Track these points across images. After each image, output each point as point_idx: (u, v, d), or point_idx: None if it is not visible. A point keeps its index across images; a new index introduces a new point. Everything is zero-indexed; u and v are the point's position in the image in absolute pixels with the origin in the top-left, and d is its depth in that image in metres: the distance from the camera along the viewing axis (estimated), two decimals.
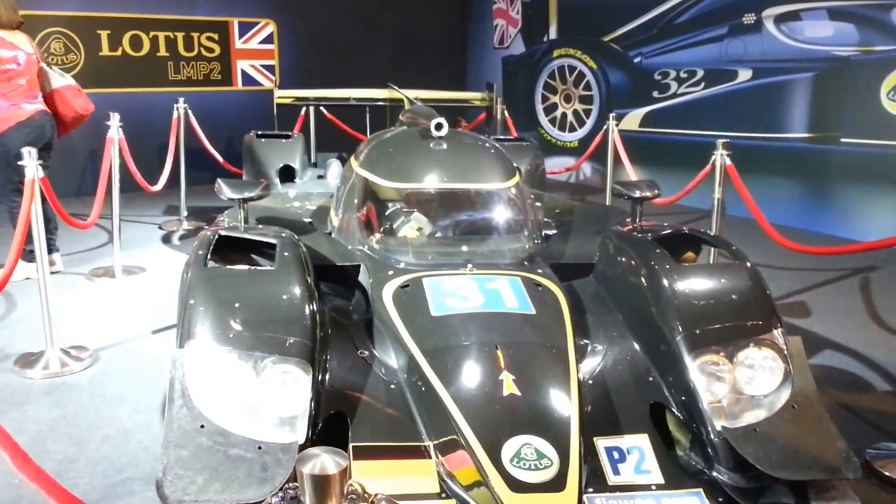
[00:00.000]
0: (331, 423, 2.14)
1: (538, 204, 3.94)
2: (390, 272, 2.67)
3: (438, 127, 3.18)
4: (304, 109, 6.50)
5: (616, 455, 2.14)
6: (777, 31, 6.53)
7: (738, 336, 2.27)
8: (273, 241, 2.59)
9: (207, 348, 2.07)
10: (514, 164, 5.11)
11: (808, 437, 2.11)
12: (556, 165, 7.93)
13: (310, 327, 2.18)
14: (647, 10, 7.65)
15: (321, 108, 6.65)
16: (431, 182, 3.02)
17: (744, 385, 2.22)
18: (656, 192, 3.24)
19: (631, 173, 5.27)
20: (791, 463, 2.02)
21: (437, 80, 8.16)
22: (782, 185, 6.62)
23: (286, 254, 2.48)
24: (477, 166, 3.14)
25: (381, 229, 2.95)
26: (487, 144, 3.39)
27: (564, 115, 8.89)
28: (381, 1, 9.11)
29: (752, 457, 2.02)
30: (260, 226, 2.96)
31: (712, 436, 2.11)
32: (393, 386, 2.29)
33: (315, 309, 2.26)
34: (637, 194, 3.20)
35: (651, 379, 2.36)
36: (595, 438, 2.17)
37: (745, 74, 6.81)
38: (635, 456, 2.15)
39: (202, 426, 1.93)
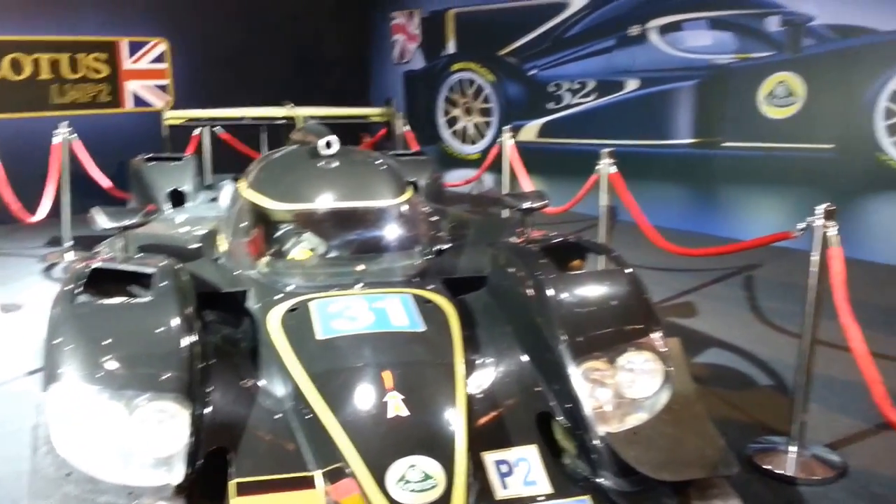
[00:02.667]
0: (213, 460, 2.05)
1: (435, 218, 3.95)
2: (277, 296, 2.60)
3: (328, 145, 3.14)
4: (197, 130, 6.30)
5: (504, 468, 2.15)
6: (661, 41, 6.85)
7: (619, 341, 2.33)
8: (150, 270, 2.48)
9: (74, 390, 1.96)
10: (413, 179, 5.12)
11: (687, 437, 2.18)
12: (459, 178, 8.00)
13: (187, 360, 2.09)
14: (539, 24, 7.86)
15: (215, 128, 6.46)
16: (321, 202, 2.97)
17: (625, 389, 2.27)
18: (544, 202, 3.30)
19: (526, 184, 5.37)
20: (672, 464, 2.09)
21: (339, 97, 8.13)
22: (671, 190, 6.93)
23: (163, 284, 2.38)
24: (367, 183, 3.11)
25: (270, 252, 2.88)
26: (379, 161, 3.37)
27: (465, 127, 9.01)
28: (279, 18, 8.98)
29: (633, 460, 2.07)
30: (139, 255, 2.83)
31: (596, 441, 2.15)
32: (278, 416, 2.23)
33: (194, 340, 2.18)
34: (525, 205, 3.25)
35: (538, 389, 2.39)
36: (483, 453, 2.17)
37: (632, 84, 7.10)
38: (523, 468, 2.16)
39: (68, 474, 1.82)
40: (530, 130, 8.13)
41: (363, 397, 2.10)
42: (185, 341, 2.14)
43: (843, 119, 5.81)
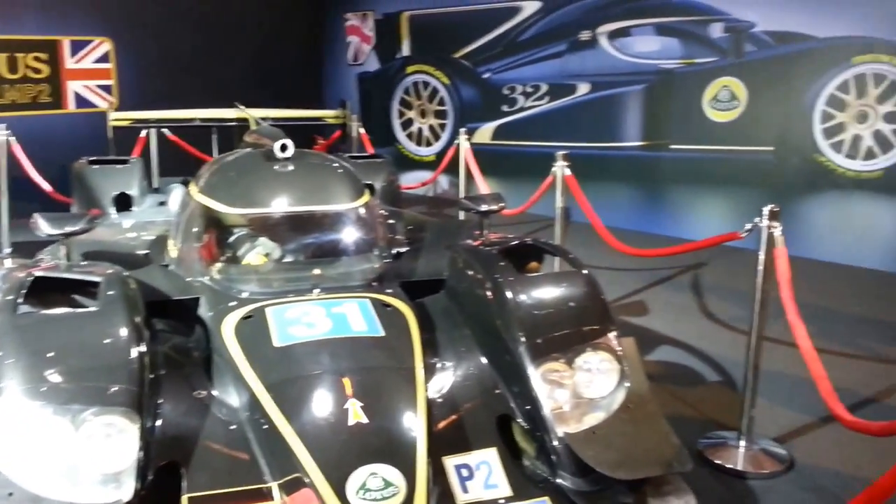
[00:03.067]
0: (165, 475, 2.00)
1: (392, 221, 3.94)
2: (232, 303, 2.55)
3: (283, 148, 3.09)
4: (144, 132, 6.14)
5: (465, 472, 2.16)
6: (610, 46, 6.97)
7: (577, 342, 2.36)
8: (96, 279, 2.41)
9: (16, 405, 1.88)
10: (369, 182, 5.08)
11: (643, 435, 2.22)
12: (414, 180, 8.01)
13: (136, 372, 2.04)
14: (493, 28, 7.92)
15: (163, 130, 6.31)
16: (277, 206, 2.93)
17: (583, 389, 2.30)
18: (501, 204, 3.33)
19: (482, 186, 5.40)
20: (628, 462, 2.12)
21: (291, 99, 8.02)
22: (621, 191, 7.06)
23: (110, 292, 2.31)
24: (324, 187, 3.08)
25: (223, 258, 2.82)
26: (335, 164, 3.34)
27: (420, 130, 9.01)
28: (230, 18, 8.84)
29: (591, 460, 2.10)
30: (84, 262, 2.74)
31: (555, 442, 2.17)
32: (233, 427, 2.18)
33: (143, 351, 2.12)
34: (483, 208, 3.27)
35: (498, 391, 2.40)
36: (444, 458, 2.17)
37: (584, 88, 7.22)
38: (484, 471, 2.17)
39: (10, 494, 1.75)
40: (485, 133, 8.17)
41: (322, 405, 2.08)
42: (134, 352, 2.08)
43: (783, 122, 6.01)
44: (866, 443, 2.81)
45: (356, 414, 2.04)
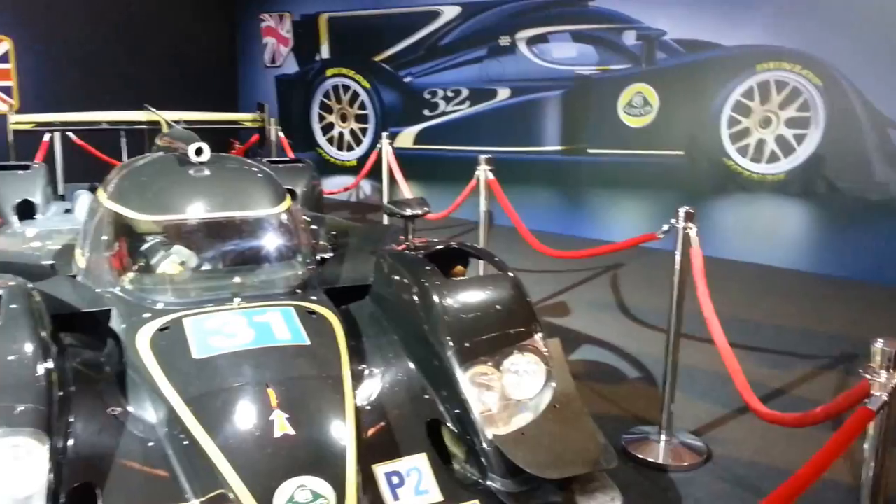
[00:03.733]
0: (79, 497, 1.89)
1: (315, 227, 3.87)
2: (146, 315, 2.44)
3: (199, 152, 2.98)
4: (47, 136, 5.82)
5: (395, 480, 2.13)
6: (529, 52, 7.10)
7: (504, 344, 2.37)
8: None
9: None
10: (290, 187, 4.97)
11: (570, 434, 2.26)
12: (336, 185, 7.92)
13: (44, 390, 1.92)
14: (413, 32, 7.93)
15: (69, 133, 6.00)
16: (192, 212, 2.81)
17: (511, 391, 2.32)
18: (426, 209, 3.32)
19: (405, 190, 5.39)
20: (556, 462, 2.15)
21: (207, 101, 7.77)
22: (542, 195, 7.20)
23: (12, 306, 2.16)
24: (243, 192, 2.98)
25: (135, 268, 2.69)
26: (255, 168, 3.24)
27: (342, 134, 8.92)
28: (140, 17, 8.50)
29: (521, 461, 2.11)
30: None
31: (484, 445, 2.18)
32: (151, 444, 2.08)
33: (50, 368, 1.99)
34: (408, 212, 3.25)
35: (427, 396, 2.39)
36: (374, 466, 2.14)
37: (503, 93, 7.32)
38: (414, 477, 2.15)
39: None
40: (407, 137, 8.16)
41: (245, 418, 2.01)
42: (41, 369, 1.96)
43: (694, 127, 6.27)
44: (779, 433, 2.96)
45: (282, 425, 1.98)
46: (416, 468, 2.18)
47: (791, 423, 1.85)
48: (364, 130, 8.65)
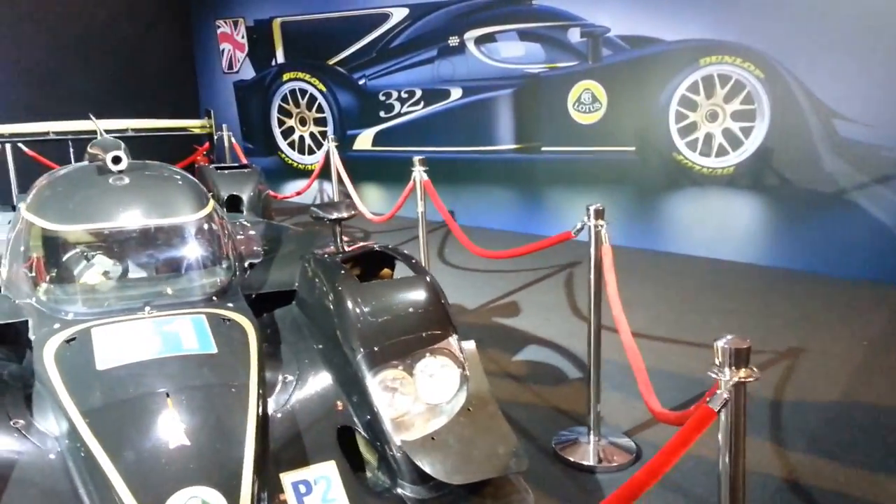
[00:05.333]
0: None
1: (252, 232, 3.84)
2: (56, 325, 2.40)
3: (116, 160, 2.94)
4: None
5: (303, 489, 2.11)
6: (478, 52, 7.09)
7: (416, 347, 2.36)
8: None
9: None
10: (235, 192, 4.90)
11: (481, 438, 2.24)
12: (298, 189, 7.85)
13: None
14: (364, 34, 7.90)
15: (19, 144, 5.90)
16: (107, 221, 2.77)
17: (424, 395, 2.30)
18: (353, 212, 3.30)
19: (353, 192, 5.35)
20: (465, 467, 2.13)
21: (166, 109, 7.70)
22: (499, 194, 7.20)
23: None
24: (161, 200, 2.94)
25: (49, 278, 2.64)
26: (177, 175, 3.20)
27: (302, 137, 8.86)
28: (94, 27, 8.38)
29: (428, 466, 2.10)
30: None
31: (394, 451, 2.16)
32: (52, 457, 2.05)
33: None
34: (333, 216, 3.23)
35: (339, 403, 2.36)
36: (281, 474, 2.12)
37: (456, 93, 7.31)
38: (322, 486, 2.13)
39: None
40: (365, 139, 8.13)
41: (141, 430, 1.98)
42: None
43: (642, 123, 6.30)
44: (709, 431, 2.96)
45: (178, 436, 1.95)
46: (324, 476, 2.15)
47: (674, 421, 1.83)
48: (324, 134, 8.60)
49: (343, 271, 2.64)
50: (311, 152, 8.87)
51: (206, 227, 2.93)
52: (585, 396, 2.99)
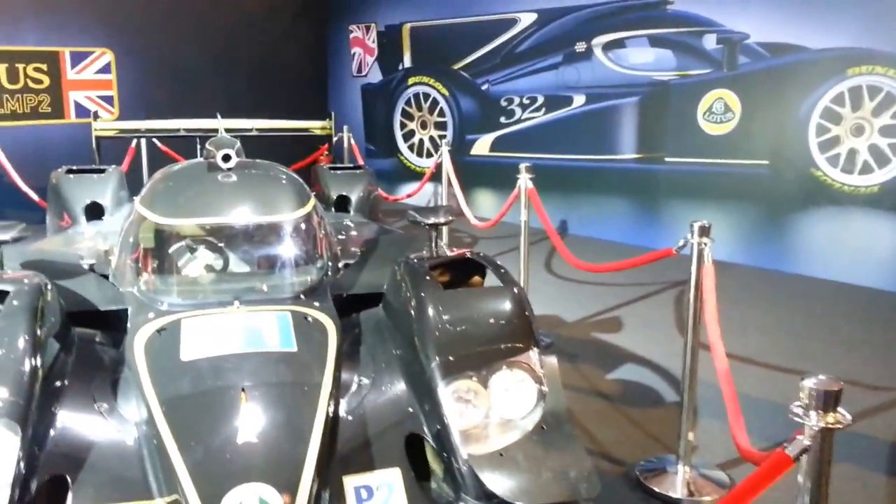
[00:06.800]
0: (53, 488, 1.96)
1: (354, 233, 3.90)
2: (150, 314, 2.52)
3: (226, 158, 3.07)
4: (134, 142, 6.20)
5: (364, 493, 2.09)
6: (605, 58, 6.87)
7: (493, 360, 2.28)
8: (8, 287, 2.39)
9: None
10: (344, 193, 5.00)
11: (553, 458, 2.13)
12: (411, 191, 7.97)
13: (26, 383, 2.02)
14: (491, 40, 7.87)
15: (154, 140, 6.36)
16: (212, 216, 2.89)
17: (498, 409, 2.23)
18: (450, 218, 3.27)
19: (461, 197, 5.32)
20: (532, 487, 2.04)
21: (297, 110, 8.04)
22: (616, 204, 6.94)
23: (15, 302, 2.29)
24: (262, 198, 3.04)
25: (151, 269, 2.79)
26: (282, 175, 3.30)
27: (422, 141, 8.98)
28: (234, 30, 8.92)
29: (493, 483, 2.02)
30: (8, 272, 2.73)
31: (460, 463, 2.09)
32: (130, 443, 2.15)
33: (35, 364, 2.09)
34: (431, 220, 3.21)
35: (410, 410, 2.33)
36: (344, 477, 2.11)
37: (579, 100, 7.11)
38: (384, 492, 2.10)
39: None
40: (484, 144, 8.11)
41: (213, 422, 2.03)
42: (26, 364, 2.07)
43: (778, 135, 5.84)
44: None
45: (247, 432, 1.99)
46: (387, 483, 2.13)
47: (757, 461, 1.63)
48: (443, 137, 8.66)
49: (428, 277, 2.61)
50: (430, 155, 8.96)
51: (302, 226, 2.99)
52: (677, 422, 2.78)
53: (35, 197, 5.98)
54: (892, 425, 3.19)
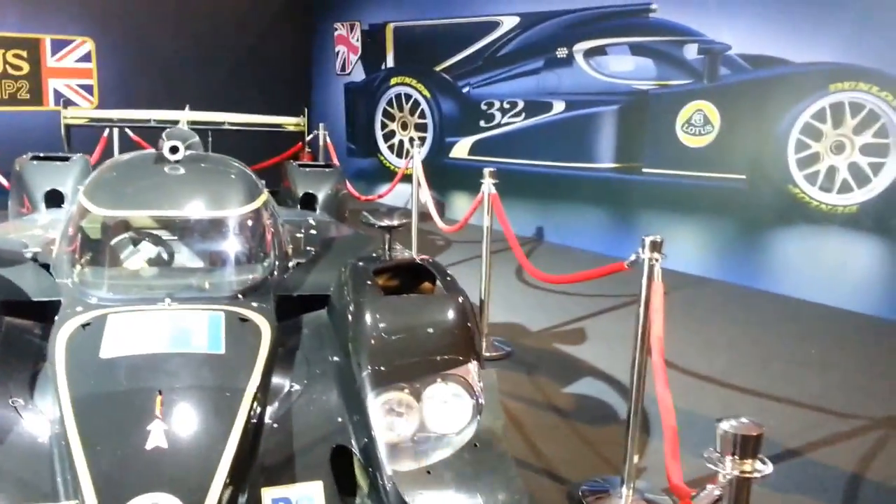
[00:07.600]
0: None
1: (314, 231, 3.80)
2: (79, 308, 2.41)
3: (173, 150, 2.97)
4: (106, 132, 6.07)
5: None
6: (586, 64, 6.79)
7: (428, 371, 2.18)
8: None
9: None
10: (311, 191, 4.88)
11: (483, 477, 2.03)
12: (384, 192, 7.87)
13: None
14: (473, 42, 7.78)
15: (127, 130, 6.24)
16: (153, 210, 2.79)
17: (430, 423, 2.13)
18: (404, 221, 3.17)
19: (430, 201, 5.22)
20: None
21: (279, 106, 7.93)
22: (592, 213, 6.85)
23: None
24: (207, 192, 2.93)
25: (84, 261, 2.68)
26: (232, 169, 3.20)
27: (402, 141, 8.88)
28: (217, 23, 8.80)
29: (418, 502, 1.91)
30: None
31: (384, 480, 1.99)
32: (41, 440, 2.04)
33: None
34: (384, 223, 3.11)
35: (340, 420, 2.23)
36: (263, 490, 2.00)
37: (558, 106, 7.03)
38: None
39: None
40: (462, 147, 8.03)
41: (122, 426, 1.92)
42: None
43: (757, 150, 5.77)
44: (759, 491, 2.58)
45: (157, 437, 1.88)
46: (308, 497, 2.02)
47: (685, 496, 1.54)
48: (423, 139, 8.57)
49: (370, 282, 2.51)
50: (409, 156, 8.88)
51: (248, 222, 2.89)
52: (640, 442, 2.69)
53: (5, 183, 5.84)
54: (855, 453, 3.10)
